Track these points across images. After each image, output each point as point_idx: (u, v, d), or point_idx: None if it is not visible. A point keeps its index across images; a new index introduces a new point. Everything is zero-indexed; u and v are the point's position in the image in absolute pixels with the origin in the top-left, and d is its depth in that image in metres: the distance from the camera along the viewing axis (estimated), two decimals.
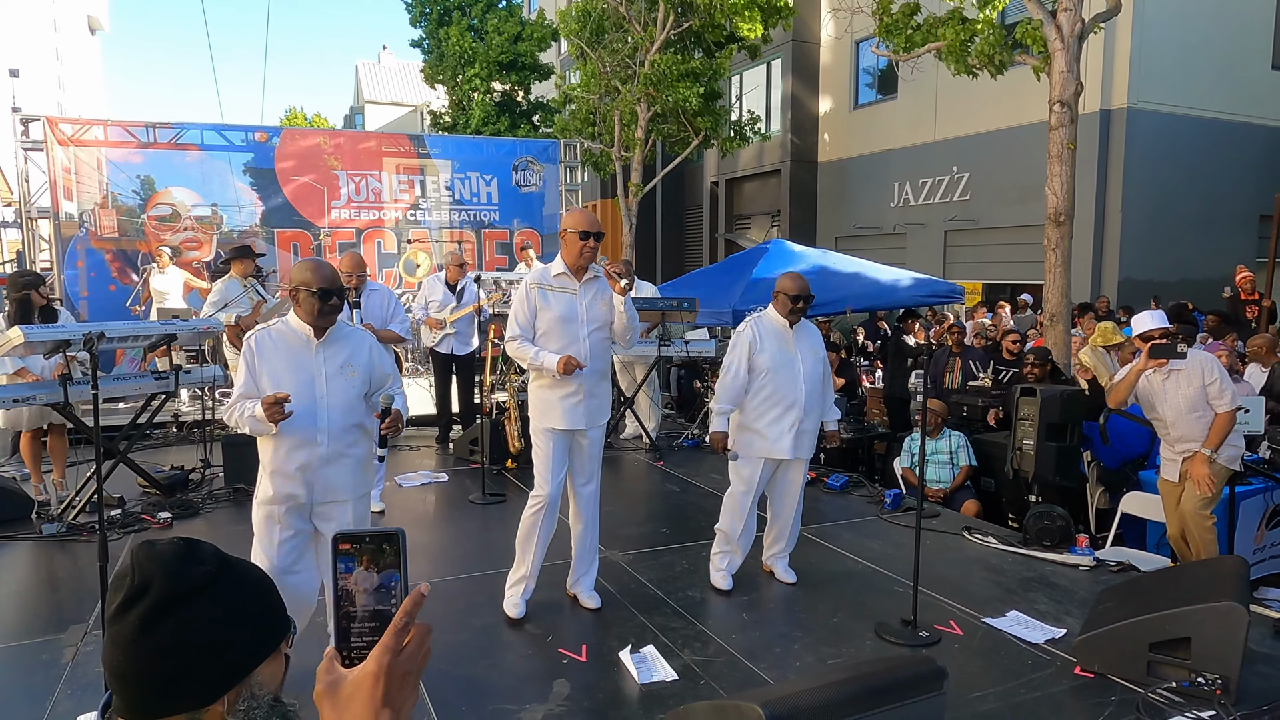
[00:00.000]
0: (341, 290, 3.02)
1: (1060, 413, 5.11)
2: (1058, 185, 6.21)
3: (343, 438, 3.04)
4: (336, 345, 3.06)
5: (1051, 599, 4.08)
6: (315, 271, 2.99)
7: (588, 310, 3.74)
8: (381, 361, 3.17)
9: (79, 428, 5.30)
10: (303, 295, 2.96)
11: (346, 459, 3.07)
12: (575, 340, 3.72)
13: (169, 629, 1.02)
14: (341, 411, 3.03)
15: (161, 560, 1.05)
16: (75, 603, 4.00)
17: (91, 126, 9.57)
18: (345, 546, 0.93)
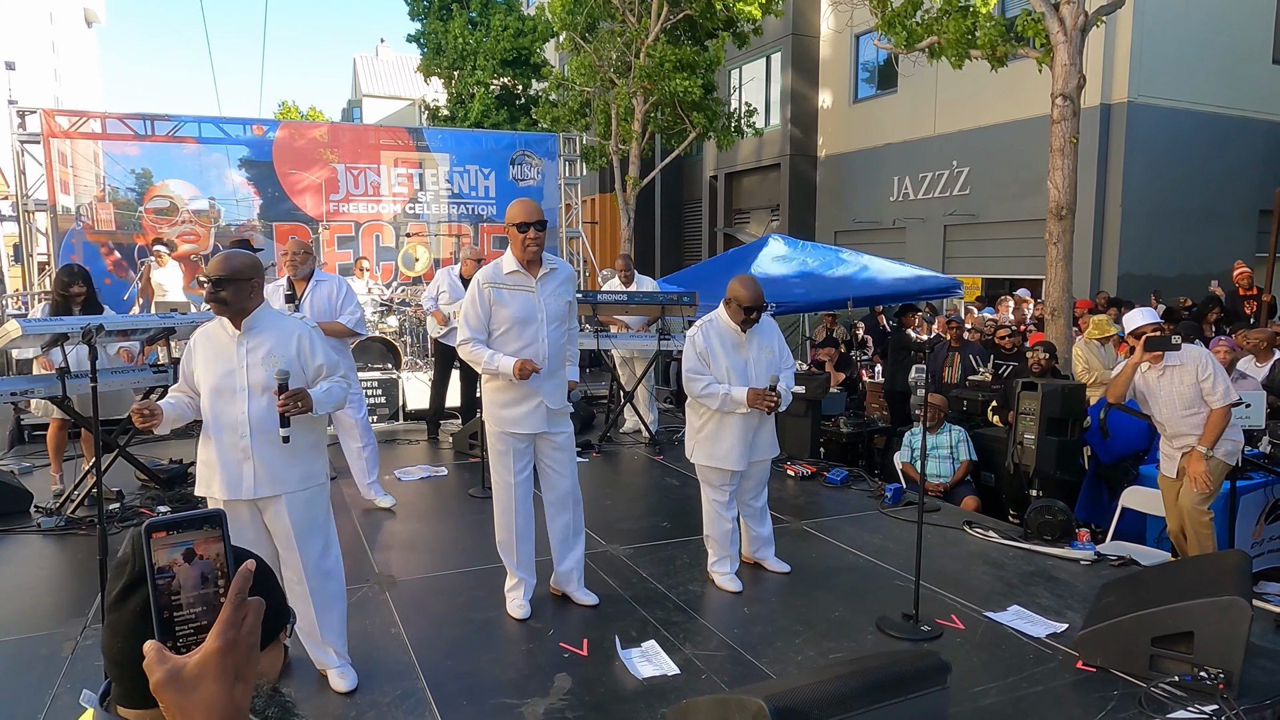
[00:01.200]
0: (226, 280, 2.86)
1: (1061, 407, 5.10)
2: (1059, 179, 6.20)
3: (270, 429, 2.93)
4: (261, 336, 2.96)
5: (1053, 593, 4.08)
6: (213, 262, 2.93)
7: (546, 307, 3.60)
8: (314, 352, 3.02)
9: (77, 421, 5.28)
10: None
11: (282, 450, 2.95)
12: (535, 340, 3.58)
13: None
14: (266, 404, 2.92)
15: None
16: (73, 596, 3.99)
17: (89, 119, 9.52)
18: (161, 534, 0.91)
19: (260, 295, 3.01)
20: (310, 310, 4.94)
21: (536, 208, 3.59)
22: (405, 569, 4.41)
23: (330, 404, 3.01)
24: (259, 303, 3.00)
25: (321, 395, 2.98)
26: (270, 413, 2.91)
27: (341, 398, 3.05)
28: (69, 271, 5.51)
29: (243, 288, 2.91)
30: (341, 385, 3.04)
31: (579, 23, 13.31)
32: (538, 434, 3.69)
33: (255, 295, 2.98)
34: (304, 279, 5.02)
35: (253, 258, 3.03)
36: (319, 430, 3.15)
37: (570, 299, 3.76)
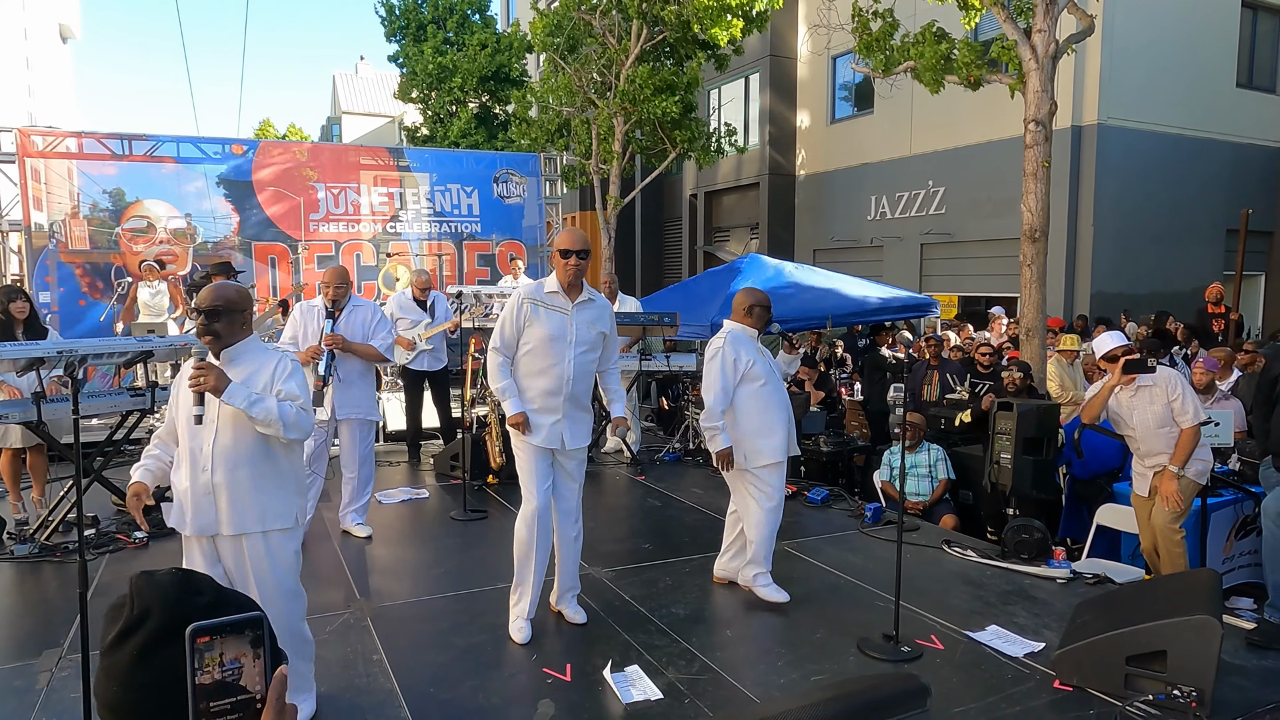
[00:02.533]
0: (221, 312, 2.79)
1: (1036, 426, 5.18)
2: (1033, 202, 6.32)
3: (230, 464, 2.80)
4: (238, 368, 2.85)
5: (1030, 612, 4.13)
6: (204, 292, 2.85)
7: (577, 331, 3.72)
8: (285, 382, 2.84)
9: (53, 446, 5.22)
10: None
11: (241, 488, 2.82)
12: (560, 360, 3.71)
13: (166, 660, 1.01)
14: (231, 436, 2.80)
15: (160, 590, 1.05)
16: (48, 626, 3.93)
17: (65, 139, 9.46)
18: (205, 639, 0.94)
19: (250, 327, 2.94)
20: (345, 331, 5.05)
21: (582, 238, 3.77)
22: (387, 594, 4.39)
23: (260, 412, 2.72)
24: (247, 334, 2.93)
25: (249, 394, 2.73)
26: (237, 447, 2.80)
27: (279, 420, 2.74)
28: (10, 291, 5.45)
29: (235, 319, 2.86)
30: (289, 409, 2.77)
31: (560, 44, 13.41)
32: (555, 450, 3.80)
33: (245, 327, 2.91)
34: (341, 308, 5.06)
35: (244, 290, 3.01)
36: (285, 469, 2.93)
37: (604, 330, 3.85)
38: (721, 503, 6.10)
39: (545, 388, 3.72)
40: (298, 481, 3.01)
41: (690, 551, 5.05)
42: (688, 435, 8.10)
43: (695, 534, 5.43)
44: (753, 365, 4.19)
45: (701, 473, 7.17)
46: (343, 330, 5.06)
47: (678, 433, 8.29)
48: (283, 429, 2.74)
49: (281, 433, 2.74)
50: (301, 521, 3.02)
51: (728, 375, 4.16)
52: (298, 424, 2.80)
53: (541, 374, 3.71)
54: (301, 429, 2.81)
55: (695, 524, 5.68)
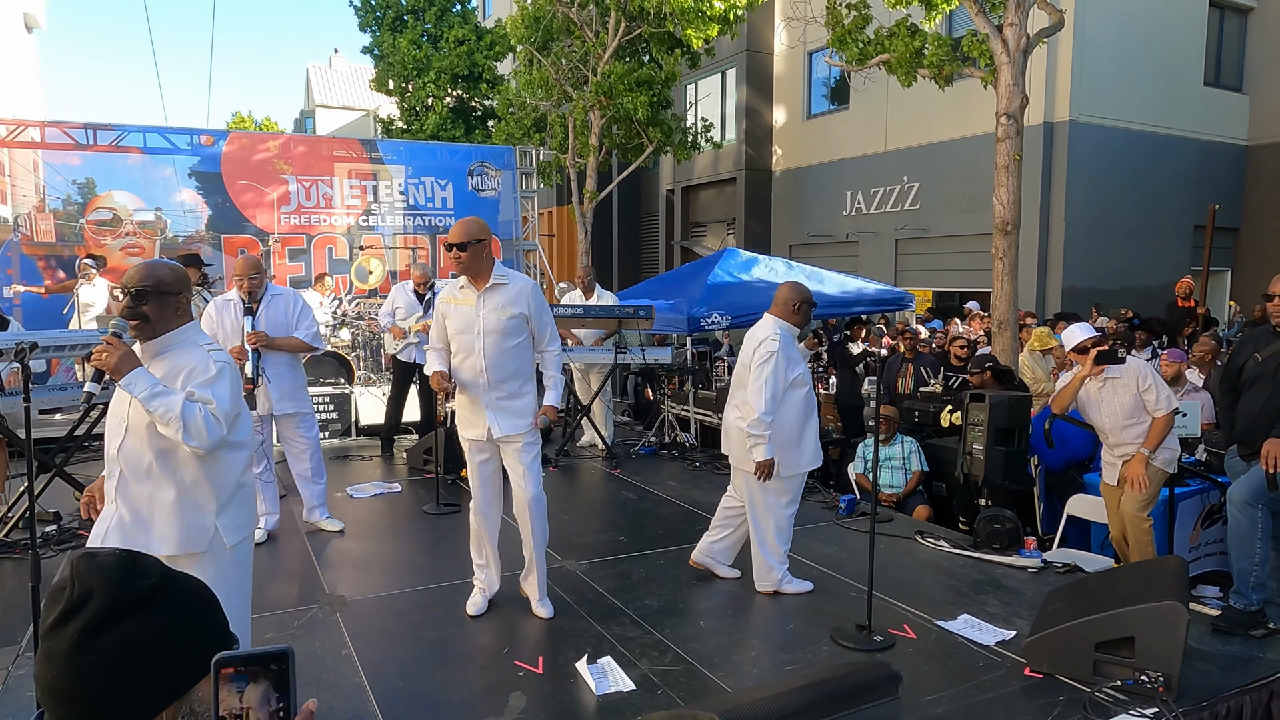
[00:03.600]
0: (149, 293, 2.43)
1: (1008, 418, 5.22)
2: (1005, 195, 6.37)
3: (132, 470, 2.47)
4: (161, 362, 2.49)
5: (1001, 601, 4.16)
6: (132, 270, 2.50)
7: (484, 320, 3.74)
8: (201, 387, 2.45)
9: (12, 440, 5.09)
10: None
11: (139, 500, 2.47)
12: (472, 350, 3.77)
13: (108, 643, 0.99)
14: (137, 440, 2.44)
15: (103, 571, 1.02)
16: (5, 624, 3.84)
17: (27, 127, 9.24)
18: (230, 670, 0.92)
19: (187, 314, 2.56)
20: (266, 324, 4.83)
21: (460, 229, 3.72)
22: (356, 589, 4.33)
23: (159, 406, 2.34)
24: (181, 323, 2.52)
25: (152, 383, 2.37)
26: (141, 452, 2.44)
27: (179, 418, 2.34)
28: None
29: (167, 303, 2.46)
30: (193, 411, 2.37)
31: (536, 38, 13.33)
32: (499, 440, 3.81)
33: (181, 314, 2.52)
34: (259, 300, 4.90)
35: (179, 270, 2.58)
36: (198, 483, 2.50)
37: (522, 312, 3.78)
38: (696, 495, 6.14)
39: (466, 379, 3.81)
40: (219, 495, 2.53)
41: (665, 544, 5.03)
42: (664, 429, 8.09)
43: (670, 526, 5.42)
44: (800, 371, 4.14)
45: (677, 465, 7.16)
46: (263, 322, 4.83)
47: (654, 426, 8.27)
48: (181, 431, 2.33)
49: (179, 435, 2.34)
50: (227, 541, 2.55)
51: (779, 381, 4.01)
52: (200, 430, 2.36)
53: (461, 367, 3.83)
54: (202, 437, 2.37)
55: (670, 516, 5.66)
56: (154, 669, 1.01)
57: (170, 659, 1.02)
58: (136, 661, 1.00)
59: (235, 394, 2.51)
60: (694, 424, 8.11)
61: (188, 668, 1.05)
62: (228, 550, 2.53)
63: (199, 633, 1.07)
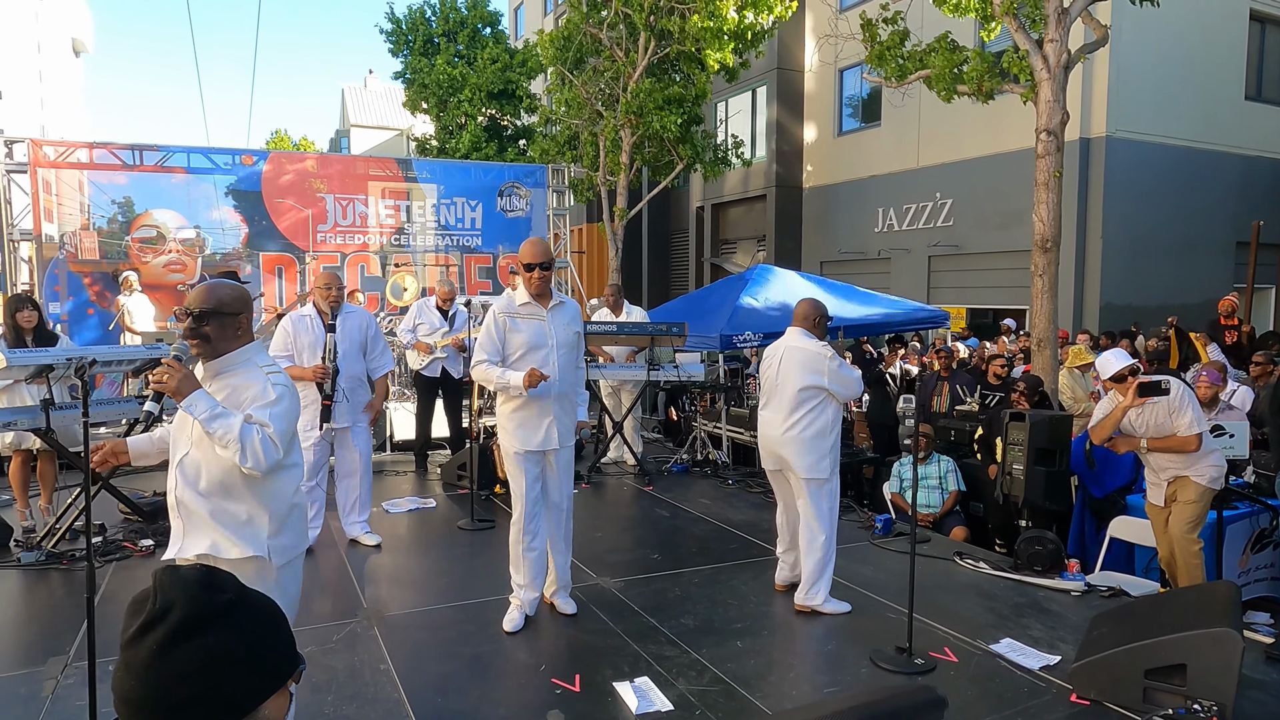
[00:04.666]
0: (210, 314, 2.47)
1: (1049, 437, 5.14)
2: (1044, 212, 6.30)
3: (193, 484, 2.50)
4: (222, 383, 2.54)
5: (1044, 625, 4.07)
6: (195, 292, 2.54)
7: (556, 334, 3.95)
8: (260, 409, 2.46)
9: (61, 454, 5.21)
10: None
11: (199, 514, 2.50)
12: (545, 364, 3.91)
13: (186, 654, 1.01)
14: (197, 459, 2.49)
15: (184, 584, 1.05)
16: (54, 634, 3.90)
17: (76, 149, 9.51)
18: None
19: (248, 334, 2.60)
20: (342, 339, 5.03)
21: (543, 249, 3.93)
22: (394, 603, 4.36)
23: (218, 428, 2.38)
24: (243, 343, 2.56)
25: (212, 405, 2.41)
26: (202, 468, 2.49)
27: (237, 441, 2.37)
28: (18, 299, 5.43)
29: (228, 323, 2.51)
30: (251, 433, 2.40)
31: (568, 58, 13.48)
32: (548, 450, 3.97)
33: (243, 334, 2.57)
34: (334, 315, 5.05)
35: (240, 289, 2.64)
36: (254, 500, 2.52)
37: (578, 330, 4.08)
38: (729, 513, 6.10)
39: (535, 390, 3.87)
40: (271, 517, 2.55)
41: (699, 562, 5.01)
42: (695, 446, 8.06)
43: (704, 544, 5.39)
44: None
45: (710, 483, 7.13)
46: (340, 335, 5.03)
47: (686, 443, 8.24)
48: (239, 454, 2.37)
49: (237, 458, 2.38)
50: (275, 561, 2.56)
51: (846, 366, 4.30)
52: (256, 453, 2.38)
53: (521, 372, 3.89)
54: (259, 460, 2.39)
55: (704, 535, 5.63)
56: (228, 682, 1.03)
57: (243, 673, 1.05)
58: (212, 674, 1.02)
59: (291, 417, 2.55)
60: (726, 441, 8.08)
61: (259, 682, 1.07)
62: (276, 570, 2.56)
63: (269, 648, 1.10)
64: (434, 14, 20.22)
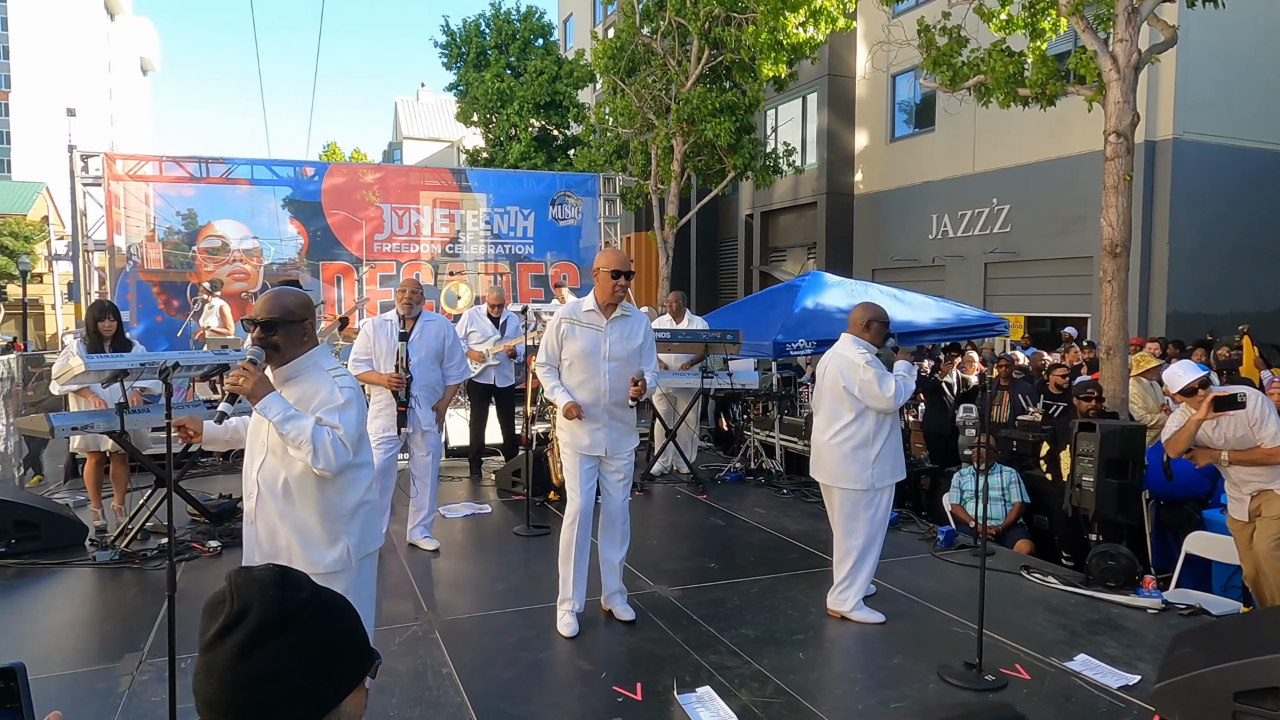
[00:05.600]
0: (278, 323, 2.53)
1: (1120, 448, 4.96)
2: (1113, 216, 6.11)
3: (269, 491, 2.57)
4: (292, 388, 2.59)
5: (1120, 643, 3.92)
6: (261, 300, 2.60)
7: (610, 347, 3.95)
8: (330, 413, 2.51)
9: (134, 456, 5.37)
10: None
11: (274, 519, 2.57)
12: (595, 374, 3.95)
13: (267, 655, 1.01)
14: (274, 462, 2.56)
15: (260, 585, 1.05)
16: (129, 631, 4.01)
17: (146, 162, 9.85)
18: None
19: (313, 339, 2.67)
20: (419, 348, 5.11)
21: (628, 260, 3.97)
22: (454, 608, 4.39)
23: (291, 429, 2.44)
24: (309, 348, 2.62)
25: (285, 407, 2.46)
26: (278, 474, 2.55)
27: (309, 442, 2.43)
28: (99, 307, 5.59)
29: (294, 330, 2.56)
30: (323, 435, 2.45)
31: (620, 67, 13.55)
32: (609, 456, 4.03)
33: (308, 340, 2.63)
34: (414, 317, 5.14)
35: (304, 295, 2.71)
36: (330, 505, 2.57)
37: (640, 343, 4.05)
38: (785, 522, 6.03)
39: (584, 399, 3.96)
40: (348, 516, 2.61)
41: (757, 571, 4.95)
42: (749, 455, 7.99)
43: (761, 554, 5.32)
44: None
45: (764, 492, 7.06)
46: (415, 344, 5.13)
47: (739, 452, 8.18)
48: (311, 455, 2.43)
49: (309, 458, 2.44)
50: (353, 559, 2.62)
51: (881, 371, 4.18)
52: (328, 454, 2.44)
53: (580, 386, 3.98)
54: (330, 461, 2.45)
55: (760, 544, 5.57)
56: (309, 680, 1.03)
57: (323, 670, 1.05)
58: (293, 673, 1.02)
59: (360, 419, 2.59)
60: (779, 450, 7.99)
61: (338, 679, 1.07)
62: (355, 567, 2.61)
63: (347, 644, 1.10)
64: (488, 26, 20.52)
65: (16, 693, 0.94)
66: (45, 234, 37.30)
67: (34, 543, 5.10)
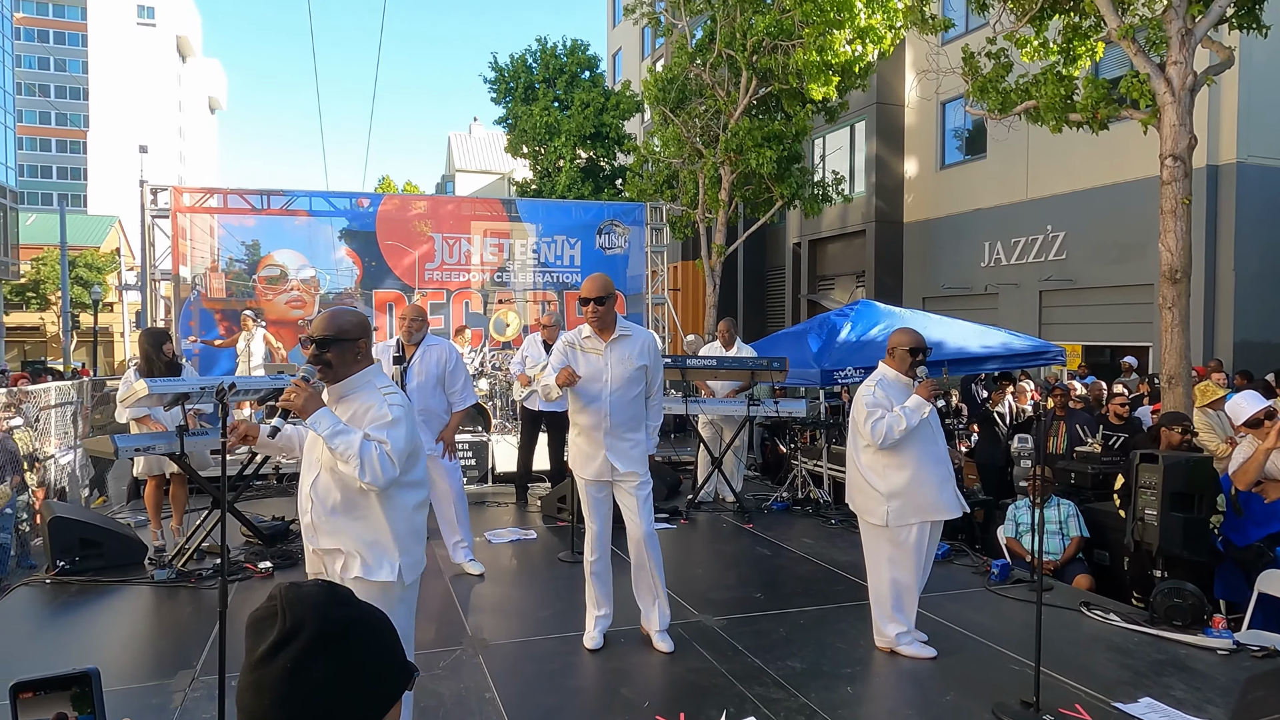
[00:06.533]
0: (331, 340, 2.59)
1: (1186, 481, 4.77)
2: (1172, 241, 5.93)
3: (325, 506, 2.61)
4: (344, 406, 2.65)
5: (1189, 685, 3.74)
6: (317, 320, 2.68)
7: (612, 369, 3.98)
8: (378, 429, 2.55)
9: (193, 478, 5.53)
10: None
11: (332, 533, 2.61)
12: (598, 398, 3.98)
13: (318, 671, 1.01)
14: (328, 479, 2.60)
15: (312, 601, 1.05)
16: (183, 648, 4.10)
17: (212, 195, 10.25)
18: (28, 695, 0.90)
19: (367, 358, 2.71)
20: (417, 372, 5.16)
21: (596, 284, 3.97)
22: (497, 632, 4.39)
23: (340, 444, 2.48)
24: (362, 367, 2.68)
25: (335, 422, 2.51)
26: (329, 491, 2.60)
27: (357, 456, 2.47)
28: (156, 333, 5.83)
29: (347, 349, 2.63)
30: (370, 449, 2.50)
31: (671, 98, 13.72)
32: (612, 480, 4.03)
33: (362, 359, 2.68)
34: (416, 344, 5.22)
35: (359, 315, 2.76)
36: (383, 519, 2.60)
37: (645, 364, 4.01)
38: (834, 554, 5.91)
39: (588, 423, 4.00)
40: (399, 535, 2.63)
41: (803, 603, 4.85)
42: (795, 484, 7.88)
43: (808, 585, 5.23)
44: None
45: (811, 522, 6.95)
46: (415, 370, 5.18)
47: (786, 480, 8.07)
48: (359, 468, 2.46)
49: (356, 472, 2.47)
50: (405, 579, 2.65)
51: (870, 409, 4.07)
52: (374, 468, 2.47)
53: (583, 411, 4.01)
54: (376, 475, 2.47)
55: (808, 575, 5.47)
56: (357, 696, 1.04)
57: (370, 686, 1.05)
58: (343, 688, 1.02)
59: (410, 436, 2.61)
60: (827, 479, 7.87)
61: (383, 693, 1.07)
62: (402, 588, 2.62)
63: (390, 658, 1.10)
64: (535, 61, 20.98)
65: (92, 699, 0.95)
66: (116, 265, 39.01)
67: (97, 560, 5.27)
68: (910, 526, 4.01)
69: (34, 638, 4.42)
